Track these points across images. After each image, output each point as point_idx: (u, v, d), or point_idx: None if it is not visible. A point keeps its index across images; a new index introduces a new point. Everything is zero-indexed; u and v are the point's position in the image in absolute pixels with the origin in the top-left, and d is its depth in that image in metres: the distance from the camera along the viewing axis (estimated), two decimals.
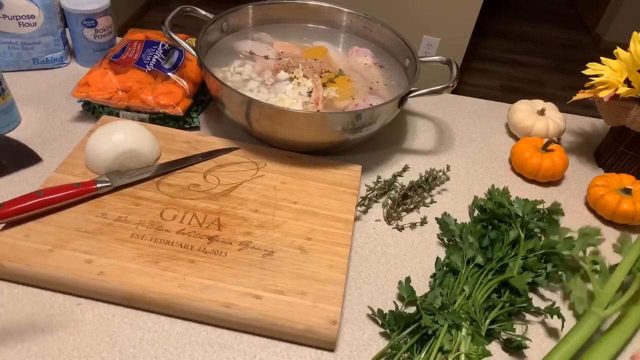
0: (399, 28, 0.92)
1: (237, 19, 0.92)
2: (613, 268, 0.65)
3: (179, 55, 0.88)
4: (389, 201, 0.76)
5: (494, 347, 0.59)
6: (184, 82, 0.83)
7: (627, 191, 0.76)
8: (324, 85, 0.84)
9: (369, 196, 0.75)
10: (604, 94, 0.79)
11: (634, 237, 0.75)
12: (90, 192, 0.64)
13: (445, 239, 0.71)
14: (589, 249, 0.67)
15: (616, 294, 0.60)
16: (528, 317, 0.63)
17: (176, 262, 0.59)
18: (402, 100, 0.77)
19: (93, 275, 0.56)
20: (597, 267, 0.65)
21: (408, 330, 0.56)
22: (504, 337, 0.59)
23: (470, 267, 0.63)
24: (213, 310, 0.55)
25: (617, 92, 0.78)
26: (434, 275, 0.65)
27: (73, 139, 0.79)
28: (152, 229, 0.62)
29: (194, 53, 0.79)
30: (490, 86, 2.91)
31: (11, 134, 0.79)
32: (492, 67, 3.09)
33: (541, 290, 0.66)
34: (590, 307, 0.60)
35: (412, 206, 0.76)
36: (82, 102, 0.83)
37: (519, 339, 0.57)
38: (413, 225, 0.73)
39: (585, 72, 0.81)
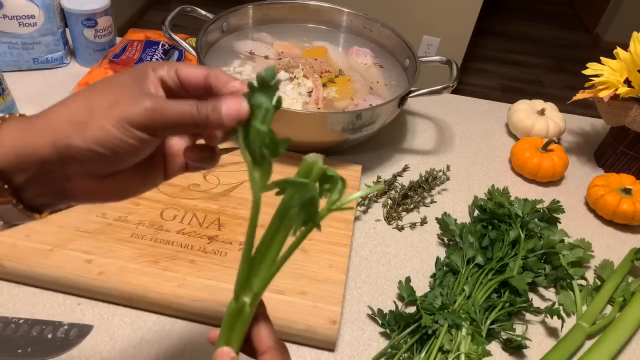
0: (399, 28, 0.92)
1: (237, 19, 0.92)
2: (600, 278, 0.67)
3: (179, 55, 0.88)
4: (389, 201, 0.76)
5: (494, 347, 0.59)
6: None
7: (627, 191, 0.76)
8: (324, 85, 0.84)
9: (369, 196, 0.75)
10: (604, 94, 0.79)
11: (627, 239, 0.75)
12: None
13: (445, 239, 0.71)
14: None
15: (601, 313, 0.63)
16: (528, 317, 0.63)
17: (176, 262, 0.59)
18: (402, 100, 0.77)
19: (93, 275, 0.56)
20: (584, 282, 0.67)
21: (408, 330, 0.56)
22: (504, 337, 0.59)
23: (470, 267, 0.63)
24: (213, 310, 0.55)
25: (617, 92, 0.78)
26: (434, 275, 0.65)
27: None
28: (152, 229, 0.62)
29: (194, 53, 0.79)
30: (490, 86, 2.91)
31: None
32: (492, 67, 3.09)
33: (541, 290, 0.66)
34: (577, 320, 0.61)
35: (412, 206, 0.76)
36: None
37: (519, 338, 0.57)
38: (413, 225, 0.73)
39: (585, 72, 0.81)
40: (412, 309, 0.61)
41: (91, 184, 0.32)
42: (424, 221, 0.74)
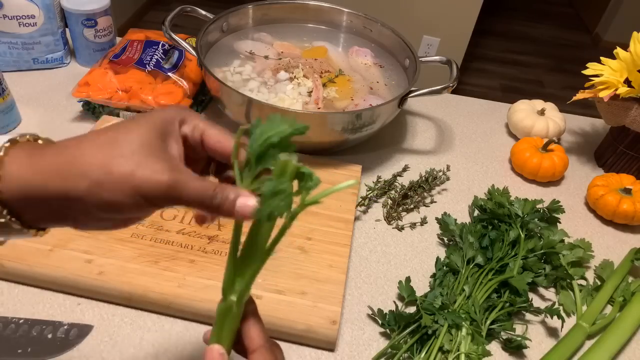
0: (399, 28, 0.92)
1: (237, 19, 0.92)
2: (601, 278, 0.67)
3: (179, 55, 0.88)
4: (389, 201, 0.76)
5: (494, 347, 0.59)
6: (184, 82, 0.83)
7: (627, 191, 0.76)
8: (324, 85, 0.84)
9: (369, 196, 0.75)
10: (604, 94, 0.79)
11: (626, 239, 0.75)
12: None
13: (445, 239, 0.71)
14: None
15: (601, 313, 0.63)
16: (528, 317, 0.63)
17: (176, 262, 0.59)
18: (402, 100, 0.77)
19: (93, 275, 0.56)
20: (584, 282, 0.67)
21: (408, 330, 0.56)
22: (504, 337, 0.59)
23: (470, 267, 0.63)
24: (213, 310, 0.55)
25: (617, 92, 0.78)
26: (434, 275, 0.65)
27: None
28: (152, 229, 0.62)
29: (194, 53, 0.79)
30: (490, 86, 2.91)
31: (11, 134, 0.79)
32: (492, 67, 3.09)
33: (541, 290, 0.66)
34: (577, 320, 0.61)
35: (412, 206, 0.76)
36: (82, 102, 0.83)
37: (519, 339, 0.57)
38: (413, 225, 0.73)
39: (585, 72, 0.81)
40: (412, 309, 0.61)
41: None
42: (424, 221, 0.74)
